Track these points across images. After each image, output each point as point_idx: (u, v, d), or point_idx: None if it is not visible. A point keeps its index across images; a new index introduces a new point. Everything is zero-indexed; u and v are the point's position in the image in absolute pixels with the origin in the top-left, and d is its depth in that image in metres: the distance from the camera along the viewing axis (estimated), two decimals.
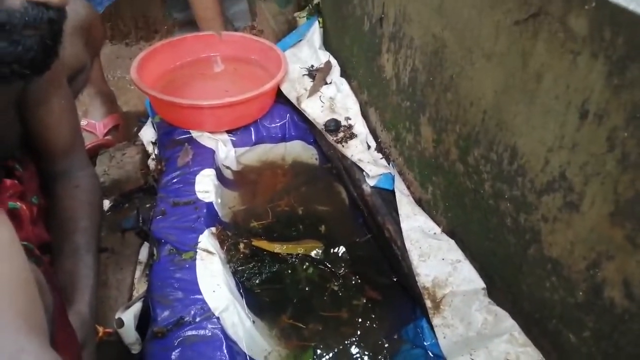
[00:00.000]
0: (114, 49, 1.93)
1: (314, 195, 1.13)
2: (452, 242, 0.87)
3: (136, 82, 1.15)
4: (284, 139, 1.25)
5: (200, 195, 1.02)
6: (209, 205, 1.00)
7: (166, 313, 0.79)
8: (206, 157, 1.12)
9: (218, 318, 0.79)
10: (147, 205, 1.20)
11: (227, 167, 1.19)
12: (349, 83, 1.23)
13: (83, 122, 1.37)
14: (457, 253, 0.85)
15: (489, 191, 0.73)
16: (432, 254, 0.86)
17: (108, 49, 1.91)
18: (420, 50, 0.86)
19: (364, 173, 1.03)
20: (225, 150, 1.18)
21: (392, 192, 1.00)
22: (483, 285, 0.79)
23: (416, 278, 0.84)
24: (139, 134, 1.33)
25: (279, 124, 1.25)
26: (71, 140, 0.85)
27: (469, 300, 0.78)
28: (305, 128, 1.24)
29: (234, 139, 1.21)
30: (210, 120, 1.16)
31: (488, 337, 0.71)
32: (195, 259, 0.88)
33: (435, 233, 0.90)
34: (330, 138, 1.10)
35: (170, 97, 1.09)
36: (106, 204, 1.23)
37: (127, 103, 1.62)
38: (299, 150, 1.25)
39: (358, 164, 1.03)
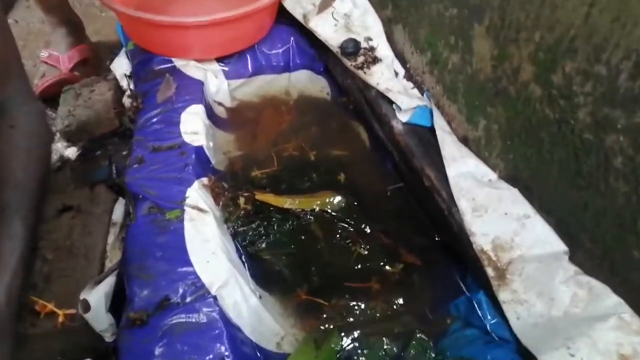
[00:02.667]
0: None
1: (328, 136, 0.92)
2: (516, 190, 0.67)
3: (105, 2, 0.91)
4: (287, 68, 1.02)
5: (187, 138, 0.80)
6: (199, 149, 0.79)
7: (146, 292, 0.60)
8: (193, 90, 0.89)
9: (215, 297, 0.60)
10: (124, 153, 0.99)
11: (220, 104, 0.97)
12: None
13: (44, 54, 1.13)
14: (524, 205, 0.65)
15: (586, 121, 0.53)
16: (491, 207, 0.66)
17: None
18: None
19: (393, 106, 0.81)
20: (216, 82, 0.96)
21: (430, 129, 0.79)
22: (565, 247, 0.60)
23: (470, 238, 0.65)
24: (110, 66, 1.09)
25: (281, 50, 1.02)
26: (3, 65, 0.63)
27: (548, 267, 0.58)
28: (312, 54, 1.01)
29: (226, 69, 0.98)
30: (196, 44, 0.93)
31: (585, 320, 0.52)
32: (182, 219, 0.68)
33: (490, 180, 0.70)
34: (349, 63, 0.88)
35: (145, 14, 0.86)
36: (73, 151, 1.02)
37: (97, 32, 1.36)
38: (306, 82, 1.03)
39: (386, 94, 0.81)
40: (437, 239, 0.74)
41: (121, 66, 1.05)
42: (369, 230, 0.75)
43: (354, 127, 0.94)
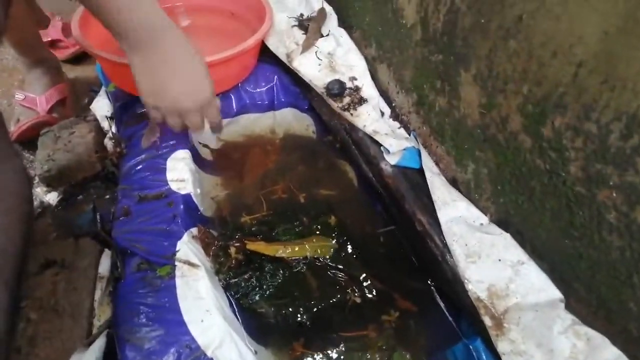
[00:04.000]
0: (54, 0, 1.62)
1: (315, 175, 0.92)
2: (508, 236, 0.67)
3: (79, 41, 0.89)
4: (272, 106, 1.02)
5: (174, 186, 0.79)
6: (186, 198, 0.77)
7: (139, 357, 0.58)
8: (178, 135, 0.88)
9: (212, 359, 0.58)
10: (107, 197, 0.97)
11: (205, 146, 0.96)
12: (350, 34, 1.00)
13: (19, 97, 1.10)
14: (517, 251, 0.65)
15: (578, 175, 0.53)
16: (484, 253, 0.66)
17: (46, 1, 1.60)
18: None
19: (381, 148, 0.81)
20: None
21: (420, 170, 0.79)
22: (560, 295, 0.60)
23: (465, 286, 0.65)
24: (90, 107, 1.07)
25: (265, 89, 1.01)
26: None
27: (546, 316, 0.59)
28: (297, 92, 1.01)
29: None
30: None
31: None
32: (174, 276, 0.66)
33: (482, 224, 0.71)
34: (335, 105, 0.88)
35: (125, 58, 0.84)
36: (54, 197, 0.99)
37: (74, 69, 1.34)
38: (291, 120, 1.02)
39: (374, 137, 0.81)
40: (431, 283, 0.74)
41: (102, 107, 1.03)
42: (362, 276, 0.74)
43: (341, 166, 0.94)
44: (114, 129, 0.98)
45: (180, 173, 0.81)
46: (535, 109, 0.57)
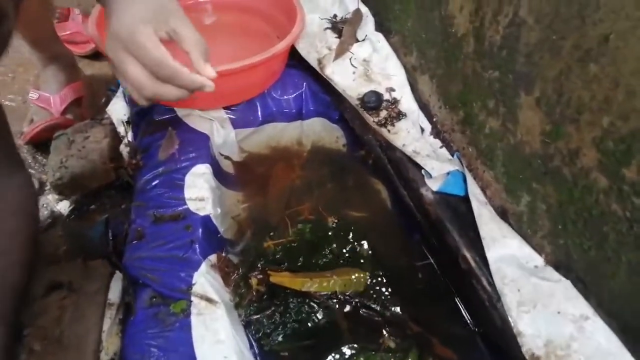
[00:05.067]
0: None
1: (345, 195, 0.84)
2: (568, 283, 0.59)
3: (96, 41, 0.82)
4: (300, 115, 0.94)
5: (192, 205, 0.72)
6: (206, 220, 0.71)
7: None
8: (198, 145, 0.81)
9: None
10: (122, 207, 0.91)
11: (226, 157, 0.89)
12: (388, 39, 0.91)
13: (33, 96, 1.04)
14: (580, 303, 0.57)
15: None
16: (540, 302, 0.58)
17: None
18: None
19: (422, 171, 0.73)
20: (222, 133, 0.88)
21: (464, 198, 0.71)
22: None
23: (518, 339, 0.57)
24: (106, 109, 1.00)
25: (293, 96, 0.94)
26: None
27: None
28: (327, 101, 0.93)
29: (233, 117, 0.90)
30: (201, 95, 0.84)
31: None
32: (189, 313, 0.59)
33: (536, 266, 0.62)
34: (371, 119, 0.80)
35: None
36: (65, 206, 0.93)
37: (91, 66, 1.28)
38: (320, 131, 0.95)
39: (414, 159, 0.73)
40: (475, 329, 0.66)
41: (118, 110, 0.97)
42: (397, 316, 0.67)
43: (373, 185, 0.86)
44: (130, 136, 0.91)
45: (199, 191, 0.74)
46: (618, 146, 0.48)
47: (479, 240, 0.65)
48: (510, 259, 0.62)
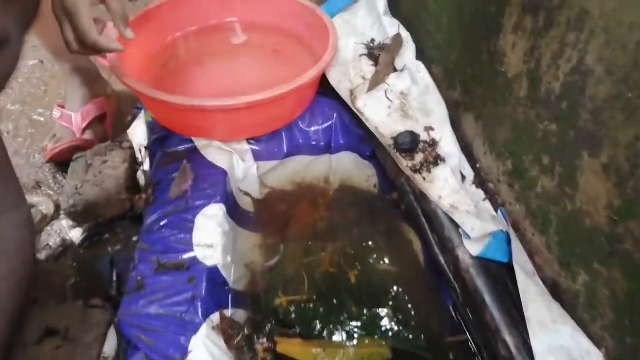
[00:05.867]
0: None
1: (373, 243, 0.75)
2: None
3: (114, 68, 0.77)
4: (328, 149, 0.86)
5: (199, 253, 0.66)
6: (212, 272, 0.64)
7: None
8: (214, 182, 0.75)
9: None
10: (134, 239, 0.86)
11: (246, 194, 0.82)
12: (430, 70, 0.82)
13: (56, 114, 1.01)
14: None
15: None
16: None
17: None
18: (605, 36, 0.45)
19: (459, 230, 0.63)
20: (243, 167, 0.81)
21: (508, 265, 0.61)
22: None
23: None
24: (127, 132, 0.96)
25: (322, 127, 0.85)
26: None
27: None
28: (359, 135, 0.84)
29: (256, 148, 0.83)
30: (222, 127, 0.78)
31: None
32: None
33: None
34: (404, 163, 0.71)
35: (160, 92, 0.71)
36: (78, 234, 0.89)
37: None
38: (350, 167, 0.86)
39: (451, 216, 0.64)
40: None
41: (139, 135, 0.92)
42: None
43: (405, 233, 0.76)
44: (147, 164, 0.86)
45: (209, 235, 0.67)
46: None
47: (524, 323, 0.55)
48: (560, 351, 0.52)
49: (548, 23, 0.52)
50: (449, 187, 0.67)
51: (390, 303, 0.66)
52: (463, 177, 0.71)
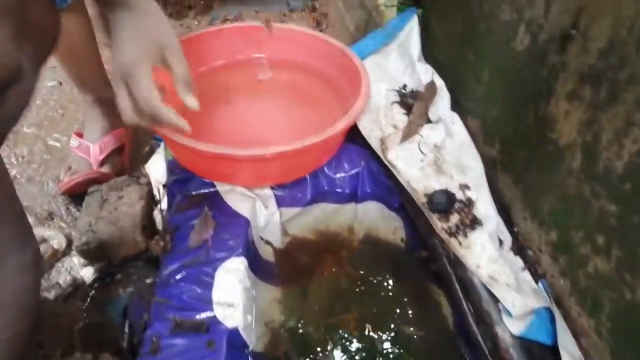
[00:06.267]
0: None
1: (399, 303, 0.71)
2: None
3: None
4: (354, 197, 0.82)
5: (219, 312, 0.62)
6: (233, 334, 0.60)
7: None
8: (235, 232, 0.71)
9: None
10: (148, 281, 0.82)
11: (267, 242, 0.78)
12: (465, 121, 0.78)
13: (74, 143, 0.98)
14: None
15: None
16: None
17: None
18: None
19: (499, 305, 0.59)
20: (265, 214, 0.77)
21: (552, 348, 0.56)
22: None
23: None
24: (145, 166, 0.93)
25: (348, 174, 0.82)
26: None
27: None
28: (387, 184, 0.80)
29: (280, 194, 0.79)
30: (247, 174, 0.75)
31: None
32: None
33: None
34: (439, 225, 0.67)
35: (185, 138, 0.68)
36: (89, 273, 0.85)
37: None
38: (376, 218, 0.82)
39: (490, 289, 0.59)
40: None
41: (157, 171, 0.88)
42: None
43: (434, 295, 0.72)
44: (164, 203, 0.83)
45: (230, 293, 0.63)
46: None
47: None
48: None
49: (611, 97, 0.48)
50: (487, 254, 0.63)
51: None
52: (500, 242, 0.67)
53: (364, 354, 0.64)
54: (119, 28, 0.59)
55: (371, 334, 0.67)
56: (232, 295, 0.63)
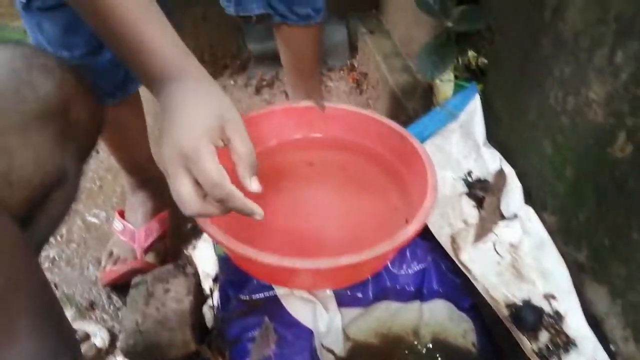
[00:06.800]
0: None
1: None
2: None
3: None
4: (419, 295, 0.76)
5: None
6: None
7: None
8: (299, 346, 0.65)
9: None
10: None
11: (329, 350, 0.72)
12: (542, 217, 0.72)
13: (117, 227, 0.94)
14: None
15: None
16: None
17: None
18: None
19: None
20: (326, 318, 0.71)
21: None
22: None
23: None
24: (192, 254, 0.88)
25: (413, 271, 0.76)
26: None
27: None
28: (456, 283, 0.75)
29: (340, 292, 0.73)
30: (308, 280, 0.70)
31: None
32: None
33: None
34: (529, 346, 0.60)
35: (244, 247, 0.63)
36: None
37: None
38: (444, 320, 0.76)
39: None
40: None
41: (205, 260, 0.84)
42: None
43: None
44: (215, 299, 0.78)
45: None
46: None
47: None
48: None
49: None
50: None
51: None
52: None
53: None
54: (171, 104, 0.52)
55: None
56: None
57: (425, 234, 0.77)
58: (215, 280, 0.82)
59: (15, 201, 0.48)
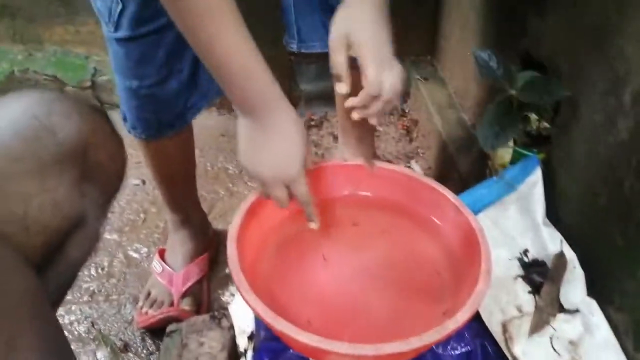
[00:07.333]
0: (219, 119, 1.51)
1: None
2: None
3: (231, 260, 0.68)
4: None
5: None
6: None
7: None
8: None
9: None
10: None
11: None
12: (607, 314, 0.66)
13: (157, 268, 0.94)
14: None
15: None
16: None
17: (214, 119, 1.50)
18: None
19: None
20: None
21: None
22: None
23: None
24: (229, 307, 0.86)
25: (458, 352, 0.71)
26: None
27: None
28: None
29: None
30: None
31: None
32: None
33: None
34: None
35: (277, 318, 0.60)
36: None
37: (223, 214, 1.17)
38: None
39: None
40: None
41: (241, 315, 0.82)
42: None
43: None
44: (249, 358, 0.75)
45: None
46: None
47: None
48: None
49: None
50: None
51: None
52: None
53: None
54: (274, 129, 0.66)
55: None
56: None
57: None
58: (250, 338, 0.80)
59: (31, 245, 0.48)
